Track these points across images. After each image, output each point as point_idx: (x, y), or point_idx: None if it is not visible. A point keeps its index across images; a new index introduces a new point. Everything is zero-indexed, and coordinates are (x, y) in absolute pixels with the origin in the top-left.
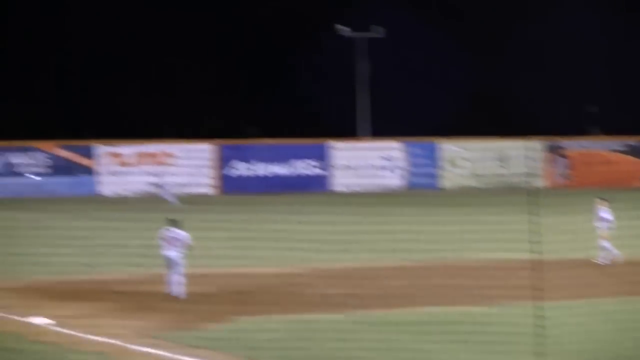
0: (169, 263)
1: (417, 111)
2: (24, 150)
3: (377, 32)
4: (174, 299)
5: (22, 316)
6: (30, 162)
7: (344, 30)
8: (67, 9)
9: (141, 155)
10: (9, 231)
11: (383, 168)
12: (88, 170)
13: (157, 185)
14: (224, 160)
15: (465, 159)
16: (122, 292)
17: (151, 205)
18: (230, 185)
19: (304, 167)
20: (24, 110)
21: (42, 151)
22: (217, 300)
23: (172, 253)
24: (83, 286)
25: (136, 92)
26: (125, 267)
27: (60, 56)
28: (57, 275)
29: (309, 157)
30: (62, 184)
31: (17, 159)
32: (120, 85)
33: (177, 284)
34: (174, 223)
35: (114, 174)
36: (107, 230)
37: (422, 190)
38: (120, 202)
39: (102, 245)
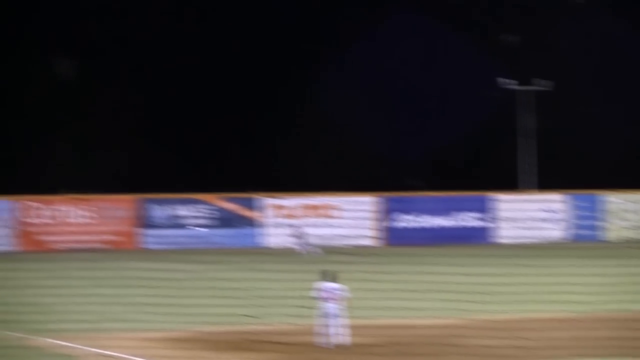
0: (327, 314)
1: (581, 163)
2: (189, 202)
3: (542, 85)
4: (334, 349)
5: None
6: (195, 214)
7: (510, 83)
8: (233, 66)
9: (305, 207)
10: (173, 282)
11: (546, 220)
12: (252, 222)
13: (296, 236)
14: (387, 212)
15: (629, 211)
16: (284, 343)
17: (312, 256)
18: (394, 237)
19: (468, 219)
20: (188, 163)
21: (207, 203)
22: (379, 351)
23: (330, 304)
24: (246, 337)
25: (300, 144)
26: (286, 318)
27: (227, 113)
28: (220, 325)
29: (472, 210)
30: (225, 235)
31: (182, 211)
32: (283, 137)
33: (336, 335)
34: (330, 275)
35: (277, 225)
36: (269, 281)
37: (585, 242)
38: (283, 254)
39: (264, 296)
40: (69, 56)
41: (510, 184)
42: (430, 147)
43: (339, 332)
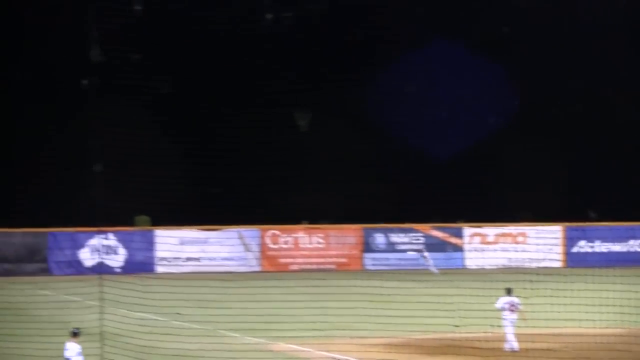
0: (509, 323)
1: None
2: (404, 230)
3: None
4: (519, 352)
5: None
6: (409, 240)
7: None
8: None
9: (500, 235)
10: (389, 297)
11: None
12: (457, 248)
13: (423, 257)
14: (568, 239)
15: None
16: (479, 348)
17: (506, 276)
18: (574, 260)
19: (636, 245)
20: (406, 198)
21: (419, 231)
22: (558, 355)
23: (511, 315)
24: (449, 343)
25: (501, 181)
26: (482, 327)
27: (441, 153)
28: (428, 333)
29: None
30: (434, 259)
31: (398, 238)
32: (484, 176)
33: (517, 341)
34: (511, 291)
35: (478, 250)
36: (469, 296)
37: None
38: (482, 274)
39: (465, 309)
40: (306, 109)
41: None
42: (603, 183)
43: (517, 338)
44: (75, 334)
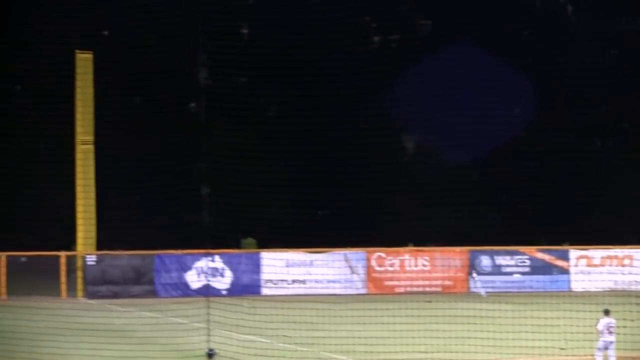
0: (605, 346)
1: None
2: (510, 253)
3: None
4: None
5: None
6: (515, 263)
7: None
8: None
9: (606, 257)
10: (494, 319)
11: None
12: (563, 270)
13: (473, 279)
14: None
15: None
16: None
17: (612, 299)
18: None
19: None
20: (512, 220)
21: (524, 254)
22: None
23: (609, 337)
24: None
25: (607, 203)
26: (588, 349)
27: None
28: (533, 356)
29: None
30: (540, 281)
31: (504, 260)
32: (591, 197)
33: None
34: (608, 312)
35: (584, 273)
36: (575, 319)
37: None
38: (588, 297)
39: (571, 331)
40: (413, 132)
41: None
42: None
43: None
44: (210, 355)
